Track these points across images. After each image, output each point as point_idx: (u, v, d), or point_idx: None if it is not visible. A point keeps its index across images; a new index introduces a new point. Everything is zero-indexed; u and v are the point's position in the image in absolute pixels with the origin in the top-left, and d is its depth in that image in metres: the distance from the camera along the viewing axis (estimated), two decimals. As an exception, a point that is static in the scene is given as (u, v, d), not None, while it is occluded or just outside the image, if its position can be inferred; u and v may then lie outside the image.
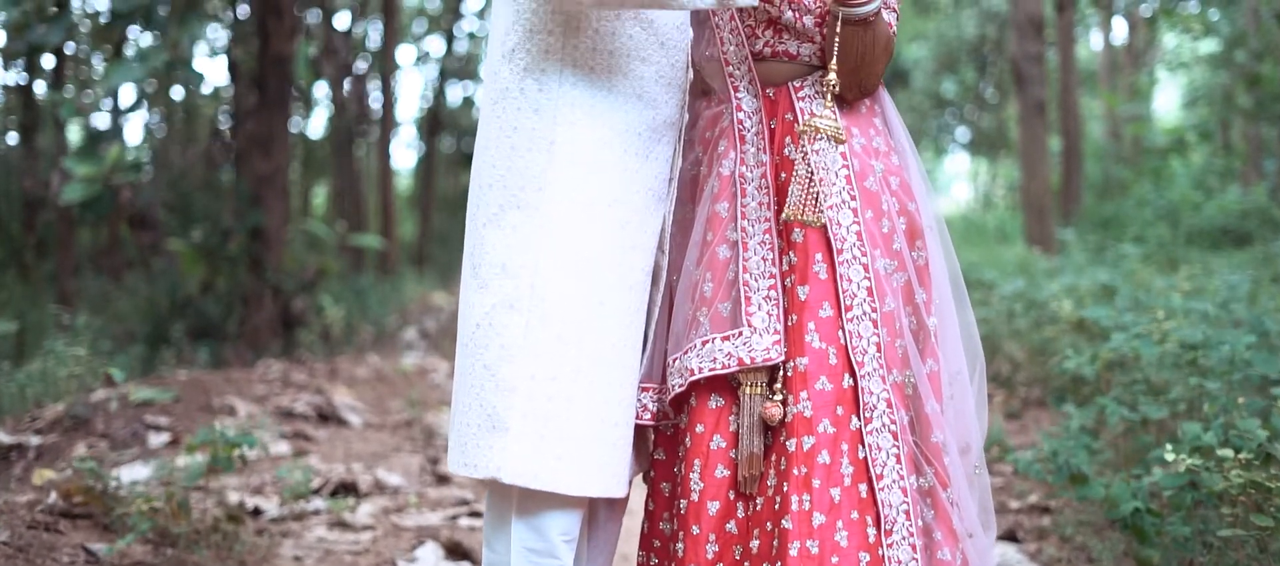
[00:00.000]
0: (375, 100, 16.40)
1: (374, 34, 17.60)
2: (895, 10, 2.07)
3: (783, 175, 2.05)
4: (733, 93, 2.10)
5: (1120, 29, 19.20)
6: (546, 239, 1.96)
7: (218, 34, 11.18)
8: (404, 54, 20.00)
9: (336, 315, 7.50)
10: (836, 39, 1.96)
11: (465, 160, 17.75)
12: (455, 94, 19.40)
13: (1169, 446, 2.77)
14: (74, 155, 6.88)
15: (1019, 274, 8.19)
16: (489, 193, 2.01)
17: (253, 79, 7.77)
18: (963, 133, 26.73)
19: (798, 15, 2.03)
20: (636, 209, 2.02)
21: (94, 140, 6.92)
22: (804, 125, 1.95)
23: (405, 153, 22.64)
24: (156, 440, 4.37)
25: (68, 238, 8.64)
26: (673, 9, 1.87)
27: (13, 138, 10.69)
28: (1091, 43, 21.08)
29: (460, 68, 18.82)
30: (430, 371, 6.17)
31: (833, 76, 1.96)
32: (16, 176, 9.27)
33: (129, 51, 7.87)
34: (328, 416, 4.85)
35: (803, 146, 1.96)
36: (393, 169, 15.73)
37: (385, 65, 14.57)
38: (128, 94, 8.50)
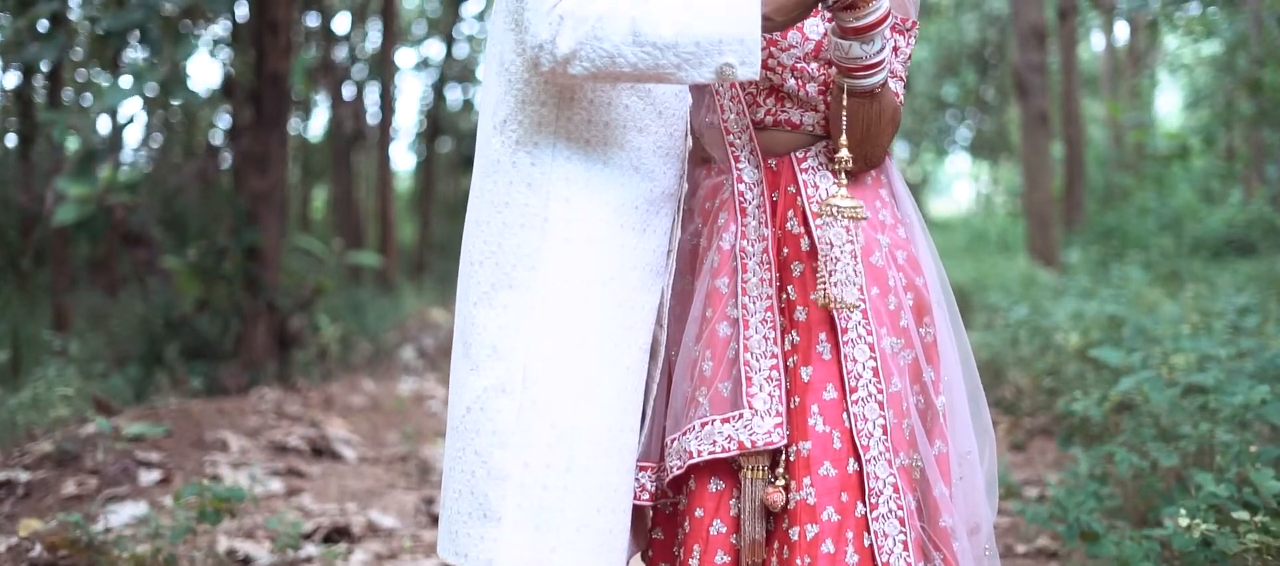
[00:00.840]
0: (373, 103, 16.32)
1: (373, 34, 17.52)
2: (902, 78, 1.99)
3: (785, 250, 1.98)
4: (733, 163, 2.03)
5: (1122, 31, 19.13)
6: (539, 320, 1.88)
7: (218, 34, 11.09)
8: (403, 58, 19.94)
9: (333, 334, 7.41)
10: (843, 112, 1.88)
11: (465, 163, 17.68)
12: (454, 96, 19.34)
13: (1182, 512, 2.69)
14: (67, 175, 6.79)
15: (1023, 292, 8.12)
16: (480, 270, 1.94)
17: (249, 94, 7.69)
18: (964, 134, 26.69)
19: (800, 83, 1.96)
20: (633, 286, 1.94)
21: (88, 158, 6.83)
22: (822, 205, 1.87)
23: (405, 154, 22.53)
24: (147, 478, 4.30)
25: (62, 253, 8.56)
26: (671, 82, 1.80)
27: (11, 140, 10.61)
28: (1093, 43, 21.01)
29: (459, 71, 18.77)
30: (427, 398, 6.09)
31: (845, 154, 1.87)
32: (14, 187, 9.20)
33: (125, 70, 7.79)
34: (321, 450, 4.77)
35: (819, 227, 1.88)
36: (393, 172, 15.65)
37: (384, 71, 14.47)
38: (131, 106, 8.40)
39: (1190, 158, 14.67)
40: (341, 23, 17.18)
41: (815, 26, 1.94)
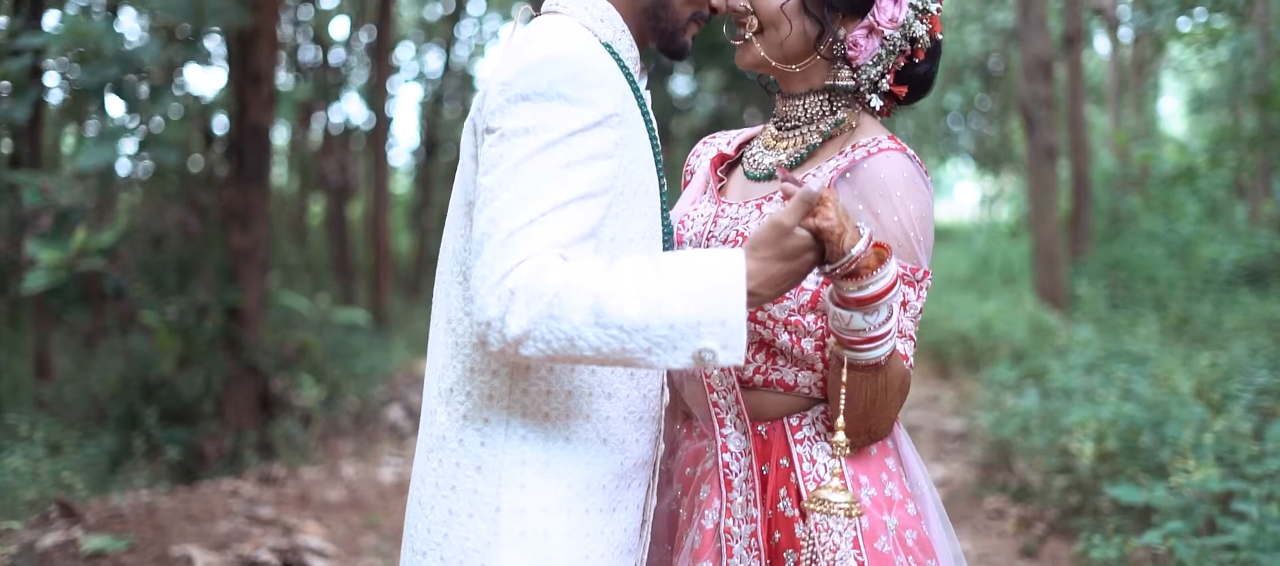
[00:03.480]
0: (371, 103, 15.96)
1: (370, 39, 17.18)
2: (912, 338, 1.72)
3: (777, 535, 1.71)
4: (717, 428, 1.76)
5: (1125, 36, 18.84)
6: (491, 630, 1.62)
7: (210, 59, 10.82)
8: (402, 61, 19.64)
9: (317, 396, 7.15)
10: (842, 387, 1.61)
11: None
12: (454, 103, 19.06)
13: None
14: (40, 238, 6.55)
15: (1030, 344, 7.86)
16: (424, 562, 1.68)
17: (231, 148, 7.45)
18: (967, 139, 26.42)
19: (795, 339, 1.69)
20: (601, 577, 1.68)
21: (62, 220, 6.58)
22: (810, 500, 1.60)
23: (403, 156, 22.17)
24: (106, 604, 4.05)
25: (44, 301, 8.33)
26: (640, 368, 1.53)
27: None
28: (1096, 48, 20.70)
29: (458, 78, 18.55)
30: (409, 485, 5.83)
31: (842, 439, 1.60)
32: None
33: (99, 128, 7.55)
34: (292, 564, 4.51)
35: (809, 525, 1.62)
36: (392, 169, 15.32)
37: (378, 85, 14.10)
38: (123, 151, 8.13)
39: (1197, 179, 14.37)
40: (340, 27, 16.87)
41: (812, 275, 1.67)
